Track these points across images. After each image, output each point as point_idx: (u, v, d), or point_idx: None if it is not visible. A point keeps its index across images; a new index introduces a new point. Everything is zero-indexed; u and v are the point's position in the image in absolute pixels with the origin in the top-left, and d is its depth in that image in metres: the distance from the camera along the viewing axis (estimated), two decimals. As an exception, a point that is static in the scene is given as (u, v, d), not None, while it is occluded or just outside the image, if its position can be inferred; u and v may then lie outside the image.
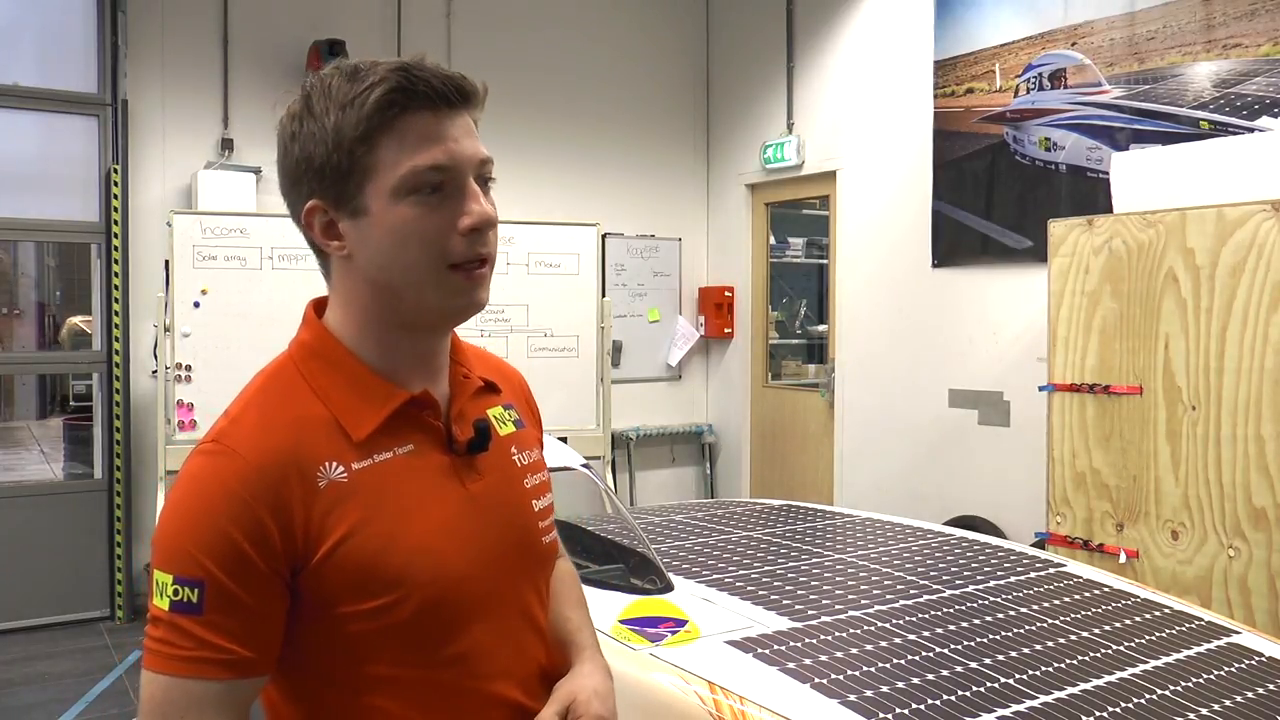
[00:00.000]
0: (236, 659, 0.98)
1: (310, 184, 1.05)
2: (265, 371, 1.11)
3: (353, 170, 1.03)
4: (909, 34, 5.61)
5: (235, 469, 1.00)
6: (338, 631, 1.03)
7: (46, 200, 5.29)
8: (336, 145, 1.02)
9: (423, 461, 1.09)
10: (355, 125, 1.01)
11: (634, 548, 3.02)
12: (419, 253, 1.03)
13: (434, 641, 1.06)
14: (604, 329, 5.64)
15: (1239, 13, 4.19)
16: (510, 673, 1.12)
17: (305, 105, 1.04)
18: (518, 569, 1.15)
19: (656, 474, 7.03)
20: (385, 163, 1.02)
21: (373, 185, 1.03)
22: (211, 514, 0.98)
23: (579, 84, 6.64)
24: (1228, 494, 3.44)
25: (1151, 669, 2.17)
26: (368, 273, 1.06)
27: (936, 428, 5.48)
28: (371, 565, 1.02)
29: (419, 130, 1.02)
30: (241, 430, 1.03)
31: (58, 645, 4.89)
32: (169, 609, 0.97)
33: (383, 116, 1.01)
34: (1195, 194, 3.62)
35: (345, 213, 1.05)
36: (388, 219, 1.03)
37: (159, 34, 5.45)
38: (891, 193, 5.76)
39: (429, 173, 1.02)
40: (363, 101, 1.01)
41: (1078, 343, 3.90)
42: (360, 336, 1.09)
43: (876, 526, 3.51)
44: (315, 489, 1.02)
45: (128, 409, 5.29)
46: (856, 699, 1.96)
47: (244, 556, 0.98)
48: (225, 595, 0.97)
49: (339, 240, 1.07)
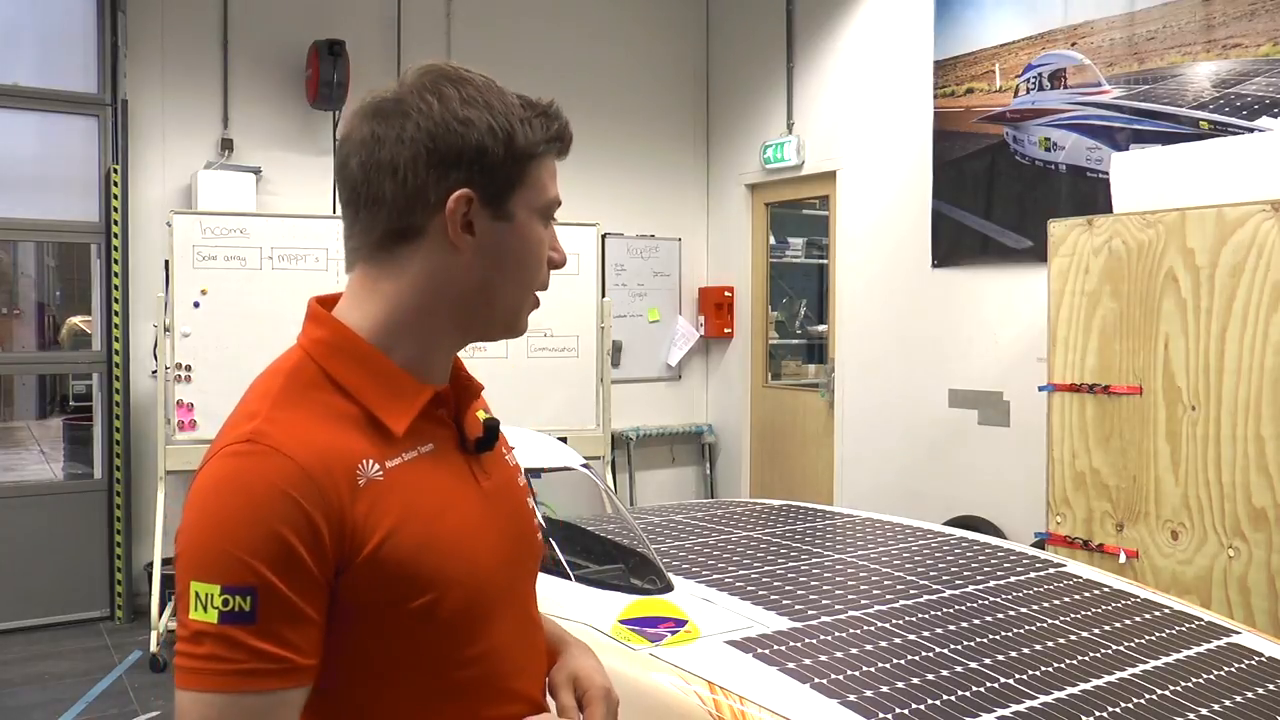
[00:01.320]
0: (293, 667, 0.94)
1: (467, 171, 1.04)
2: (281, 370, 1.06)
3: (511, 176, 1.08)
4: (909, 34, 5.61)
5: (280, 468, 0.95)
6: (373, 630, 1.00)
7: (46, 200, 5.29)
8: (508, 148, 1.06)
9: (445, 460, 1.09)
10: (535, 141, 1.09)
11: (634, 548, 3.02)
12: (534, 271, 1.12)
13: (463, 639, 1.05)
14: (604, 329, 5.64)
15: (1239, 13, 4.19)
16: (525, 669, 1.14)
17: (458, 92, 1.05)
18: (523, 565, 1.17)
19: (656, 474, 7.03)
20: (535, 182, 1.10)
21: (521, 197, 1.09)
22: (260, 516, 0.93)
23: (579, 84, 6.63)
24: (1228, 494, 3.44)
25: (1151, 669, 2.17)
26: (473, 273, 1.07)
27: (936, 428, 5.48)
28: (410, 564, 1.00)
29: (552, 168, 1.14)
30: (279, 429, 0.98)
31: (58, 645, 4.89)
32: (218, 621, 0.91)
33: (548, 146, 1.11)
34: (1195, 194, 3.62)
35: (490, 212, 1.07)
36: (530, 232, 1.10)
37: (159, 34, 5.45)
38: (891, 193, 5.76)
39: (556, 204, 1.13)
40: (545, 126, 1.10)
41: (1077, 343, 3.90)
42: (390, 334, 1.07)
43: (876, 526, 3.51)
44: (357, 487, 0.99)
45: (128, 409, 5.30)
46: (856, 699, 1.96)
47: (298, 559, 0.93)
48: (280, 601, 0.93)
49: (470, 235, 1.06)
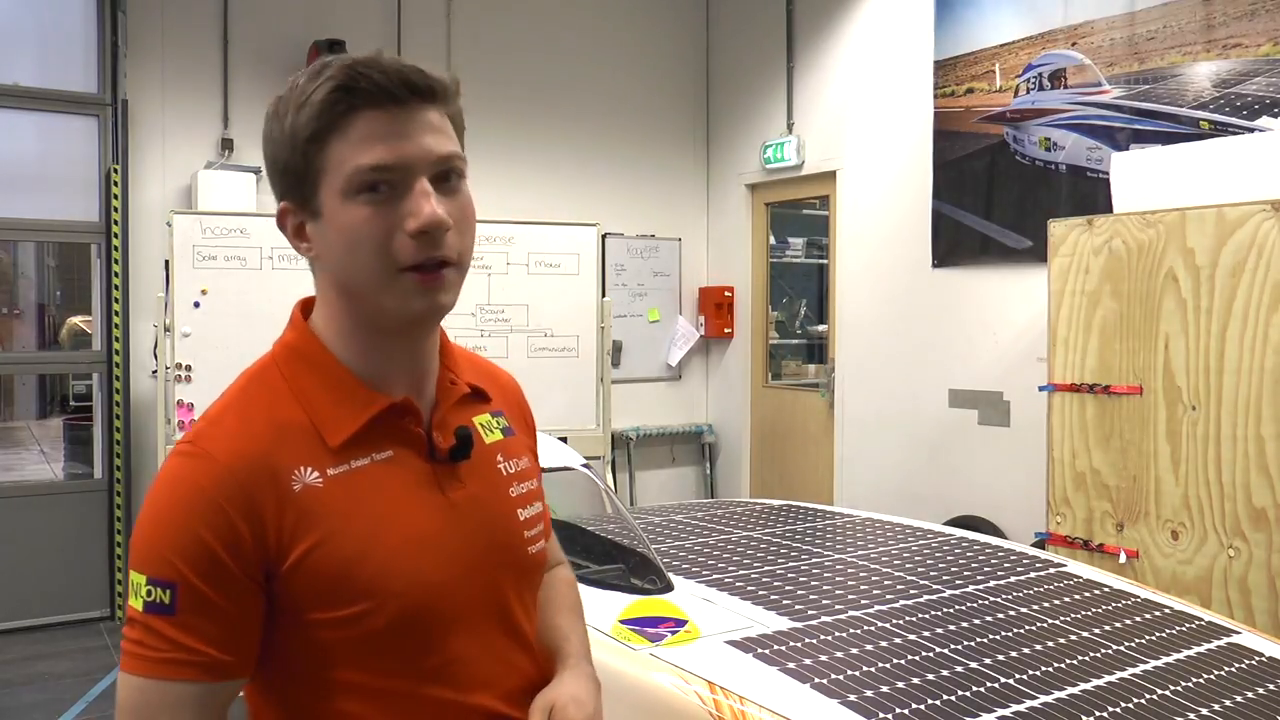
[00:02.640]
0: (210, 661, 0.98)
1: (279, 185, 1.06)
2: (248, 373, 1.10)
3: (308, 171, 1.02)
4: (909, 34, 5.61)
5: (208, 471, 0.99)
6: (311, 638, 1.02)
7: (46, 200, 5.29)
8: (293, 147, 1.01)
9: (401, 469, 1.07)
10: (306, 125, 1.00)
11: (634, 548, 3.02)
12: (369, 255, 1.00)
13: (411, 652, 1.04)
14: (604, 329, 5.64)
15: (1239, 13, 4.19)
16: (492, 684, 1.10)
17: (275, 107, 1.04)
18: (500, 579, 1.13)
19: (656, 474, 7.03)
20: (334, 162, 1.00)
21: (326, 186, 1.01)
22: (184, 515, 0.98)
23: (579, 84, 6.63)
24: (1228, 494, 3.44)
25: (1151, 669, 2.17)
26: (333, 275, 1.06)
27: (936, 428, 5.48)
28: (343, 573, 1.00)
29: (366, 129, 0.99)
30: (218, 432, 1.03)
31: (58, 645, 4.89)
32: (143, 609, 0.97)
33: (330, 115, 0.99)
34: (1195, 194, 3.62)
35: (307, 214, 1.05)
36: (339, 220, 1.01)
37: (159, 34, 5.45)
38: (891, 193, 5.76)
39: (371, 172, 0.99)
40: (312, 101, 1.00)
41: (1078, 343, 3.90)
42: (341, 339, 1.08)
43: (876, 526, 3.51)
44: (289, 494, 1.01)
45: (128, 409, 5.29)
46: (856, 699, 1.96)
47: (215, 559, 0.97)
48: (197, 596, 0.97)
49: (307, 242, 1.06)
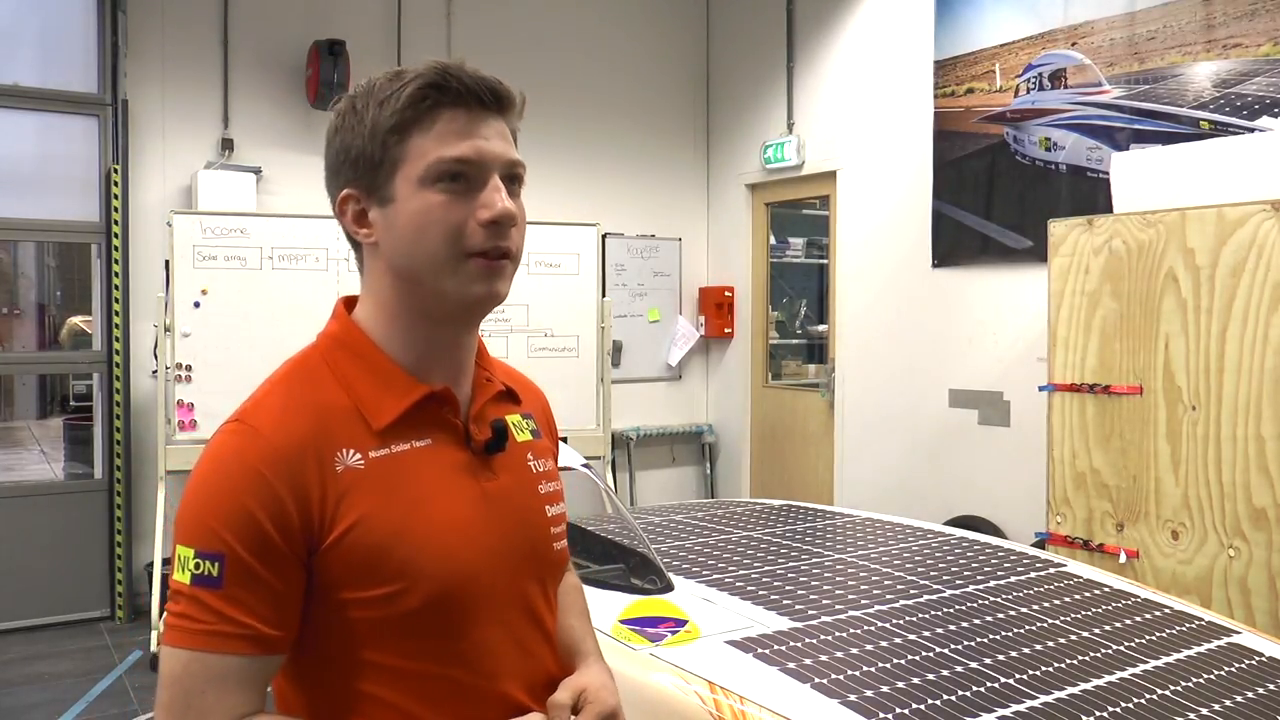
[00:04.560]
0: (256, 634, 0.99)
1: (346, 174, 1.10)
2: (291, 360, 1.14)
3: (384, 159, 1.07)
4: (909, 34, 5.61)
5: (257, 447, 1.02)
6: (343, 617, 1.04)
7: (46, 200, 5.29)
8: (371, 136, 1.07)
9: (439, 456, 1.11)
10: (390, 117, 1.06)
11: (634, 548, 3.02)
12: (439, 239, 1.06)
13: (438, 635, 1.06)
14: (604, 329, 5.64)
15: (1239, 13, 4.19)
16: (515, 674, 1.12)
17: (350, 104, 1.10)
18: (527, 571, 1.16)
19: (656, 474, 7.03)
20: (415, 152, 1.06)
21: (402, 174, 1.07)
22: (233, 489, 1.00)
23: (579, 84, 6.63)
24: (1228, 494, 3.44)
25: (1151, 669, 2.17)
26: (392, 260, 1.10)
27: (936, 428, 5.48)
28: (379, 553, 1.03)
29: (450, 125, 1.06)
30: (264, 411, 1.06)
31: (58, 645, 4.89)
32: (190, 582, 0.99)
33: (416, 109, 1.06)
34: (1195, 194, 3.62)
35: (375, 200, 1.09)
36: (412, 205, 1.06)
37: (159, 34, 5.45)
38: (891, 193, 5.76)
39: (454, 164, 1.05)
40: (398, 95, 1.06)
41: (1078, 343, 3.90)
42: (386, 330, 1.12)
43: (876, 526, 3.51)
44: (333, 473, 1.04)
45: (128, 409, 5.29)
46: (856, 699, 1.96)
47: (263, 532, 1.00)
48: (245, 570, 0.99)
49: (368, 228, 1.11)
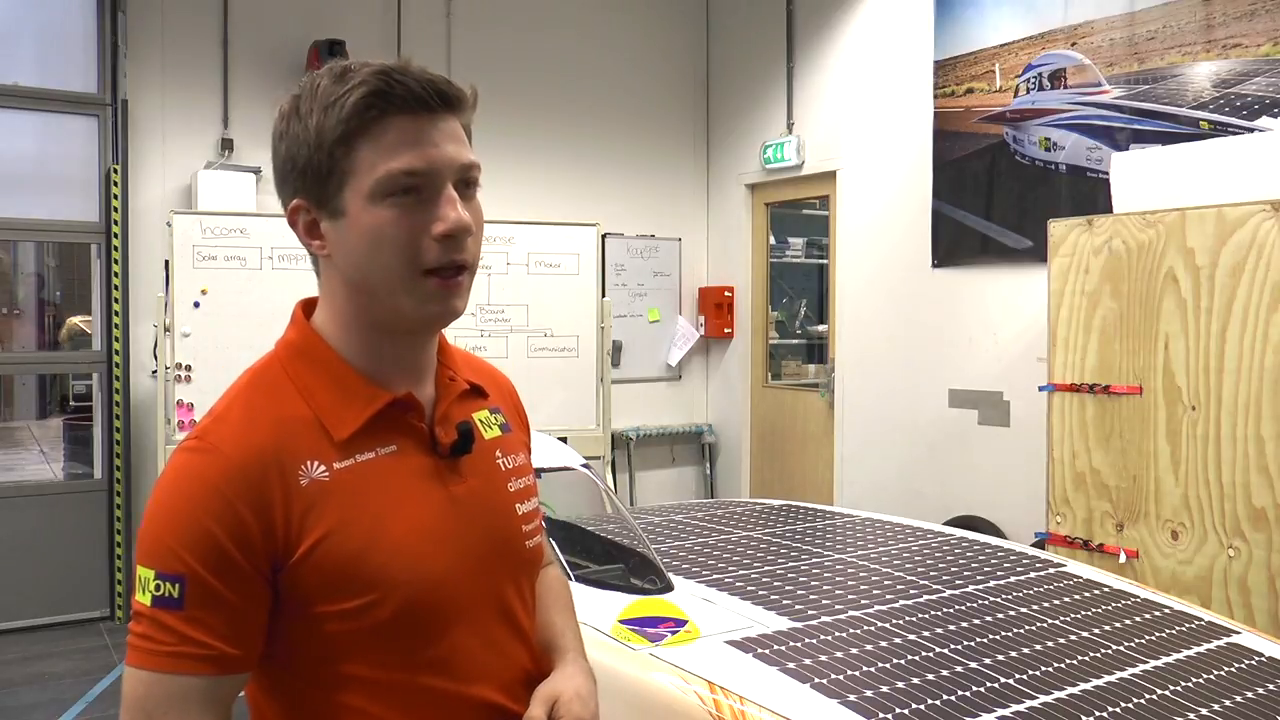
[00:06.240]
0: (217, 655, 0.99)
1: (295, 183, 1.07)
2: (251, 370, 1.12)
3: (333, 171, 1.04)
4: (909, 34, 5.61)
5: (218, 466, 1.01)
6: (316, 630, 1.03)
7: (46, 200, 5.29)
8: (318, 146, 1.04)
9: (405, 463, 1.09)
10: (335, 127, 1.02)
11: (634, 548, 3.02)
12: (392, 257, 1.03)
13: (413, 643, 1.06)
14: (604, 329, 5.64)
15: (1239, 13, 4.19)
16: (491, 676, 1.12)
17: (294, 106, 1.07)
18: (500, 572, 1.15)
19: (656, 474, 7.03)
20: (363, 165, 1.03)
21: (351, 187, 1.04)
22: (193, 510, 0.99)
23: (579, 84, 6.63)
24: (1228, 494, 3.44)
25: (1151, 669, 2.17)
26: (346, 274, 1.08)
27: (936, 428, 5.48)
28: (350, 565, 1.02)
29: (397, 134, 1.02)
30: (225, 428, 1.04)
31: (58, 645, 4.89)
32: (150, 604, 0.98)
33: (361, 119, 1.02)
34: (1195, 194, 3.62)
35: (325, 213, 1.07)
36: (364, 221, 1.03)
37: (159, 34, 5.45)
38: (891, 193, 5.76)
39: (403, 177, 1.02)
40: (343, 104, 1.02)
41: (1078, 343, 3.90)
42: (345, 337, 1.11)
43: (876, 526, 3.51)
44: (297, 487, 1.02)
45: (128, 409, 5.29)
46: (856, 699, 1.96)
47: (224, 553, 0.98)
48: (206, 591, 0.98)
49: (320, 240, 1.08)
